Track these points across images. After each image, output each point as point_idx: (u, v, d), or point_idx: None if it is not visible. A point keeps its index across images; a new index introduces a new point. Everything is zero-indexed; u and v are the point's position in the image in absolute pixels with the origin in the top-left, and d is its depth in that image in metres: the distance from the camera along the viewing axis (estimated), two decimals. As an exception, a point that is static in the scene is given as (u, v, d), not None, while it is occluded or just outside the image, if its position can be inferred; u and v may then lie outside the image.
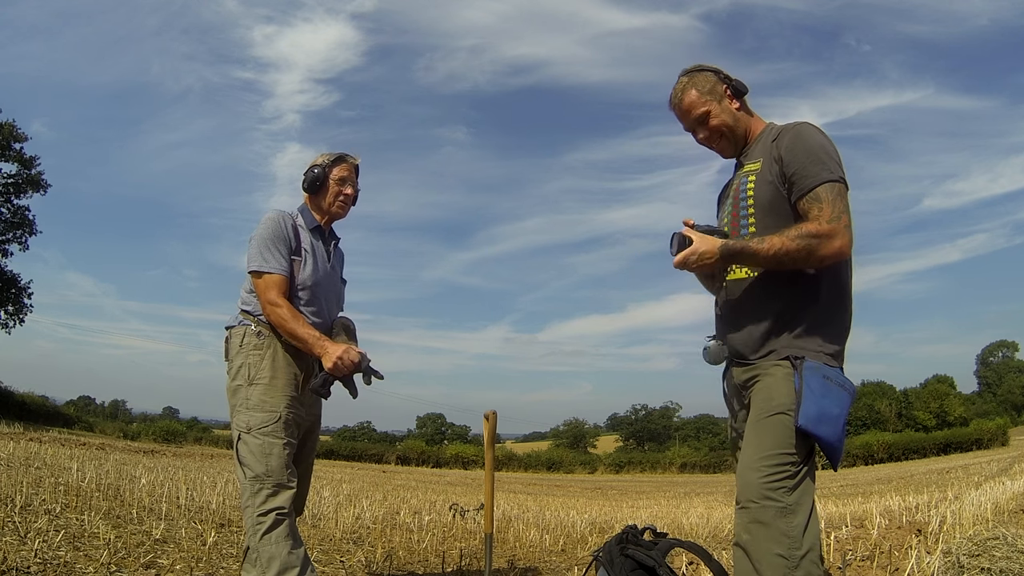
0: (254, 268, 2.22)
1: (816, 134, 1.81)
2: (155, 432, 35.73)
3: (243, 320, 2.27)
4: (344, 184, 2.44)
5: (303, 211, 2.44)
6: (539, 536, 4.36)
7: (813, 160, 1.75)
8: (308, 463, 2.41)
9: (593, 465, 43.43)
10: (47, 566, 2.45)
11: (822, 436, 1.64)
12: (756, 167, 1.87)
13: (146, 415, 56.76)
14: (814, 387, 1.66)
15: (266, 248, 2.22)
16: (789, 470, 1.64)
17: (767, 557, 1.57)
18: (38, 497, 3.69)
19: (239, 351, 2.22)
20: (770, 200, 1.81)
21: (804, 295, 1.78)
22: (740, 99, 1.98)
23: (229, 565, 2.86)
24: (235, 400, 2.18)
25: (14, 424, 17.57)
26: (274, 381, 2.18)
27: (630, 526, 2.01)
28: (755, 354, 1.81)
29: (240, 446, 2.12)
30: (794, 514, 1.60)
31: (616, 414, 66.86)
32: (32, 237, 30.44)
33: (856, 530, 4.21)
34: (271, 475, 2.07)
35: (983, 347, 65.22)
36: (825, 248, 1.69)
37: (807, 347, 1.74)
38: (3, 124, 28.54)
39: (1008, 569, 2.45)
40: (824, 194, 1.72)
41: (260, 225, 2.29)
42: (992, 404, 54.16)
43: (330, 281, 2.41)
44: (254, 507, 2.04)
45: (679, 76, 2.00)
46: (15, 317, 30.46)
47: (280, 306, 2.17)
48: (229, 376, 2.24)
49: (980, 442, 35.43)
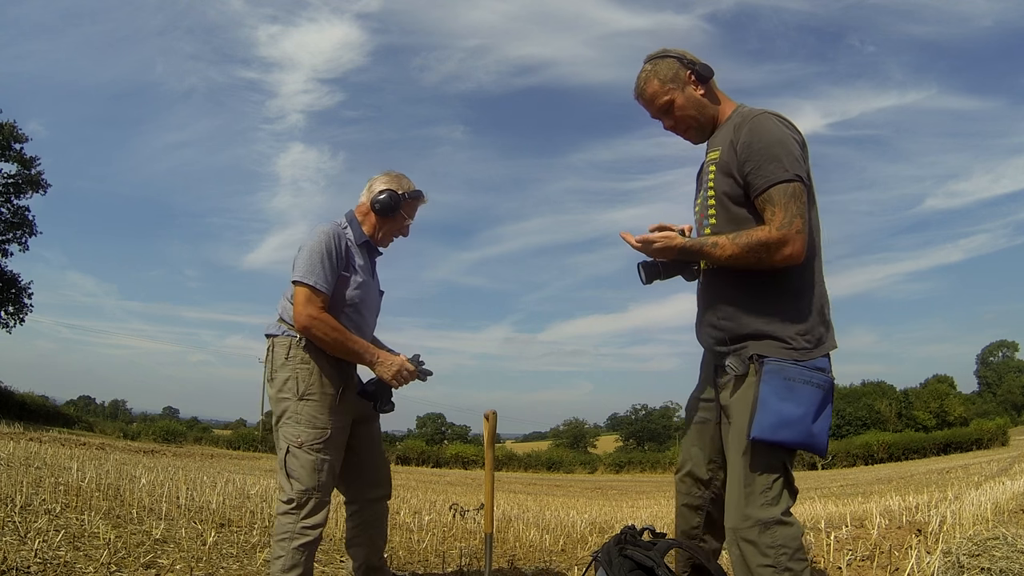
0: (299, 278, 2.17)
1: (774, 127, 1.76)
2: (155, 432, 35.67)
3: (287, 331, 2.25)
4: (408, 221, 2.45)
5: (352, 222, 2.38)
6: (539, 536, 4.36)
7: (768, 157, 1.71)
8: (380, 448, 2.49)
9: (593, 465, 43.40)
10: (47, 566, 2.45)
11: (783, 441, 1.67)
12: (716, 156, 1.84)
13: (146, 415, 56.90)
14: (774, 391, 1.66)
15: (318, 262, 2.18)
16: (767, 495, 1.70)
17: (758, 569, 1.68)
18: (38, 497, 3.69)
19: (285, 363, 2.21)
20: (728, 192, 1.80)
21: (770, 284, 1.77)
22: (705, 84, 1.92)
23: (229, 565, 2.87)
24: (283, 411, 2.20)
25: (14, 424, 17.56)
26: (323, 398, 2.20)
27: (628, 526, 2.01)
28: (723, 345, 1.82)
29: (289, 458, 2.16)
30: (775, 527, 1.69)
31: (616, 414, 66.91)
32: (32, 237, 30.45)
33: (856, 530, 4.20)
34: (320, 490, 2.14)
35: (983, 347, 65.32)
36: (775, 255, 1.69)
37: (771, 343, 1.74)
38: (3, 124, 28.53)
39: (1008, 569, 2.44)
40: (777, 196, 1.69)
41: (313, 237, 2.23)
42: (992, 404, 54.15)
43: (373, 297, 2.42)
44: (299, 517, 2.10)
45: (643, 63, 1.96)
46: (15, 317, 30.48)
47: (323, 320, 2.16)
48: (272, 386, 2.24)
49: (980, 442, 35.40)
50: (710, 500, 2.01)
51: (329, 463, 2.18)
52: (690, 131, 1.95)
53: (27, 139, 29.54)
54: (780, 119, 1.79)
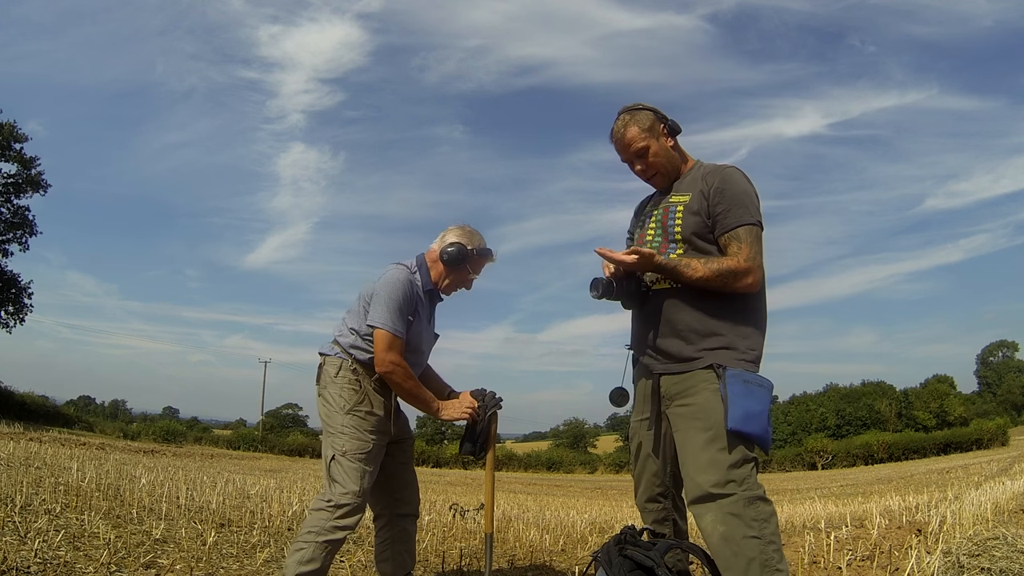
0: (381, 325, 2.32)
1: (742, 180, 2.07)
2: (155, 432, 35.72)
3: (339, 353, 2.42)
4: (473, 276, 2.56)
5: (421, 268, 2.50)
6: (539, 536, 4.36)
7: (736, 204, 2.02)
8: (410, 468, 2.63)
9: (593, 465, 43.45)
10: (47, 566, 2.45)
11: (751, 432, 1.89)
12: (685, 199, 2.10)
13: (146, 415, 56.88)
14: (737, 392, 1.90)
15: (396, 310, 2.33)
16: (746, 469, 1.90)
17: (744, 541, 1.82)
18: (38, 497, 3.69)
19: (334, 380, 2.39)
20: (694, 230, 2.05)
21: (726, 305, 2.02)
22: (674, 138, 2.19)
23: (229, 565, 2.87)
24: (331, 423, 2.36)
25: (14, 424, 17.59)
26: (368, 416, 2.36)
27: (628, 526, 2.01)
28: (682, 360, 2.03)
29: (334, 465, 2.32)
30: (758, 502, 1.87)
31: (616, 414, 66.89)
32: (32, 237, 30.49)
33: (856, 530, 4.21)
34: (360, 496, 2.28)
35: (983, 347, 65.32)
36: (739, 282, 1.98)
37: (729, 354, 1.98)
38: (3, 124, 28.55)
39: (1008, 569, 2.45)
40: (744, 235, 2.00)
41: (391, 284, 2.36)
42: (992, 404, 54.18)
43: (428, 340, 2.57)
44: (333, 517, 2.23)
45: (619, 113, 2.19)
46: (15, 317, 30.49)
47: (403, 367, 2.34)
48: (322, 400, 2.41)
49: (980, 442, 35.45)
50: (673, 508, 2.22)
51: (368, 473, 2.33)
52: (657, 176, 2.19)
53: (27, 139, 29.62)
54: (745, 175, 2.10)
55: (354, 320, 2.42)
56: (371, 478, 2.34)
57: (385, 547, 2.50)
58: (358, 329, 2.40)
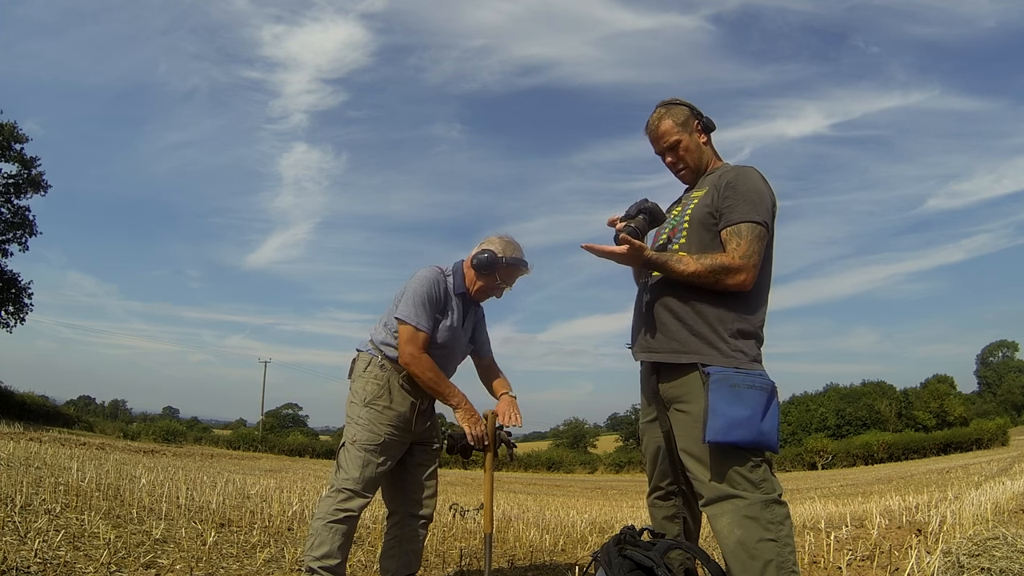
0: (404, 318, 2.39)
1: (757, 179, 2.04)
2: (155, 432, 35.67)
3: (371, 350, 2.50)
4: (503, 285, 2.57)
5: (456, 272, 2.56)
6: (539, 536, 4.36)
7: (745, 200, 1.98)
8: (431, 473, 2.61)
9: (593, 465, 43.43)
10: (47, 566, 2.45)
11: (735, 441, 1.84)
12: (701, 194, 2.09)
13: (146, 415, 56.68)
14: (723, 398, 1.84)
15: (421, 306, 2.40)
16: (758, 472, 1.88)
17: (760, 544, 1.82)
18: (38, 497, 3.69)
19: (362, 374, 2.47)
20: (702, 220, 2.04)
21: (719, 302, 1.97)
22: (708, 135, 2.20)
23: (229, 565, 2.87)
24: (350, 413, 2.45)
25: (14, 424, 17.57)
26: (386, 410, 2.42)
27: (628, 526, 2.01)
28: (673, 360, 2.00)
29: (342, 451, 2.41)
30: (773, 506, 1.86)
31: (616, 414, 66.99)
32: (33, 237, 30.43)
33: (856, 530, 4.21)
34: (360, 483, 2.34)
35: (983, 347, 65.27)
36: (731, 279, 1.94)
37: (720, 353, 1.93)
38: (3, 125, 28.53)
39: (1008, 569, 2.45)
40: (745, 231, 1.95)
41: (417, 280, 2.44)
42: (992, 404, 54.14)
43: (459, 342, 2.58)
44: (335, 502, 2.31)
45: (656, 106, 2.21)
46: (15, 317, 30.46)
47: (423, 359, 2.38)
48: (351, 391, 2.50)
49: (980, 442, 35.39)
50: (683, 506, 2.19)
51: (376, 465, 2.37)
52: (686, 171, 2.20)
53: (27, 139, 29.56)
54: (762, 175, 2.06)
55: (386, 317, 2.51)
56: (377, 470, 2.38)
57: (393, 544, 2.53)
58: (388, 325, 2.48)
